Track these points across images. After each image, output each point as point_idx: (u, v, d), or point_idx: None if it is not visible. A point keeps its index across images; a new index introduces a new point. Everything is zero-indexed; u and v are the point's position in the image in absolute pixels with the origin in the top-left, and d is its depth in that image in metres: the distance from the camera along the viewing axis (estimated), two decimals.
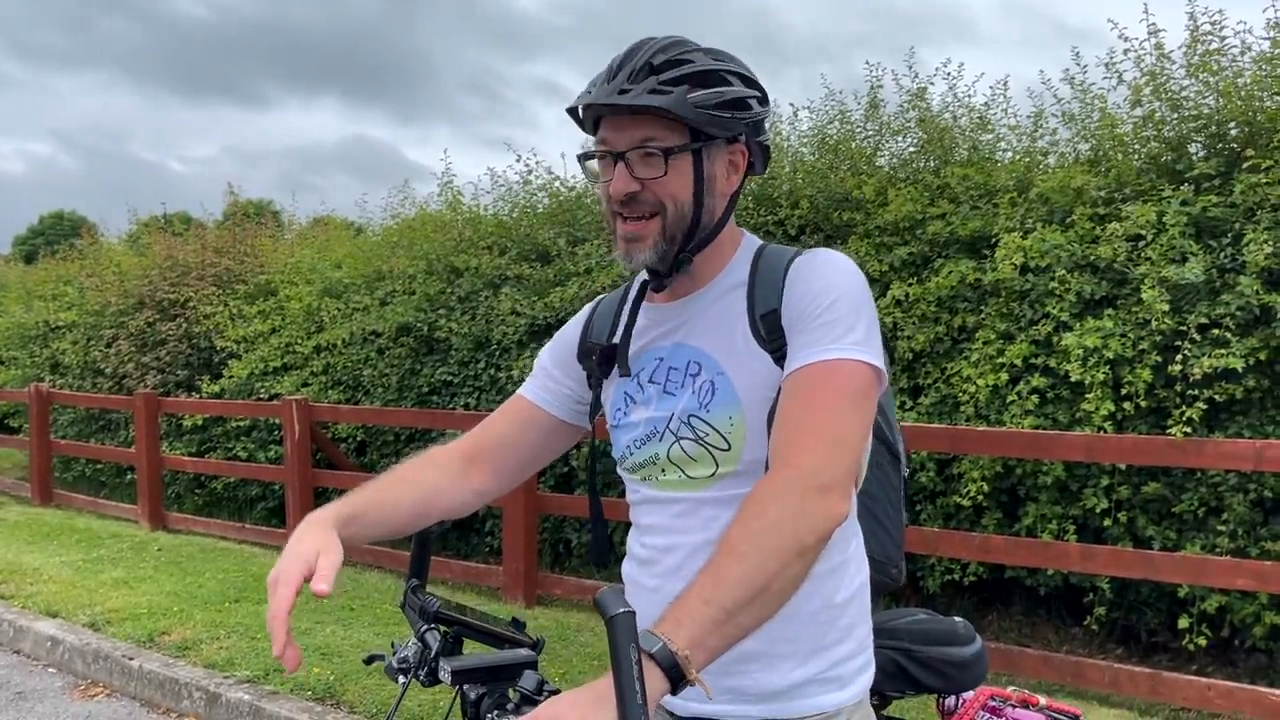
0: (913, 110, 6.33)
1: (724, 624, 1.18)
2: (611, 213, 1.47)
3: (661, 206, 1.43)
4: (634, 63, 1.40)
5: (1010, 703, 2.04)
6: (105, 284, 10.88)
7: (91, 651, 5.25)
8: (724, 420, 1.45)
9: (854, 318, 1.40)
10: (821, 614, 1.48)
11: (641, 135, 1.40)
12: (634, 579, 1.58)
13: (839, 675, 1.50)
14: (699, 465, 1.48)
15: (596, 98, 1.40)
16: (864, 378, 1.38)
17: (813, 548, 1.27)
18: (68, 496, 9.95)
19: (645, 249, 1.45)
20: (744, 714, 1.47)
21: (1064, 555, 4.52)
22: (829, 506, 1.27)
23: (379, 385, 7.72)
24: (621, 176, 1.42)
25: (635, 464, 1.55)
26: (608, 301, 1.69)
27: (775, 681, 1.47)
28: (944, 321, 5.32)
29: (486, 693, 1.44)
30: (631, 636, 1.07)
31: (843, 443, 1.33)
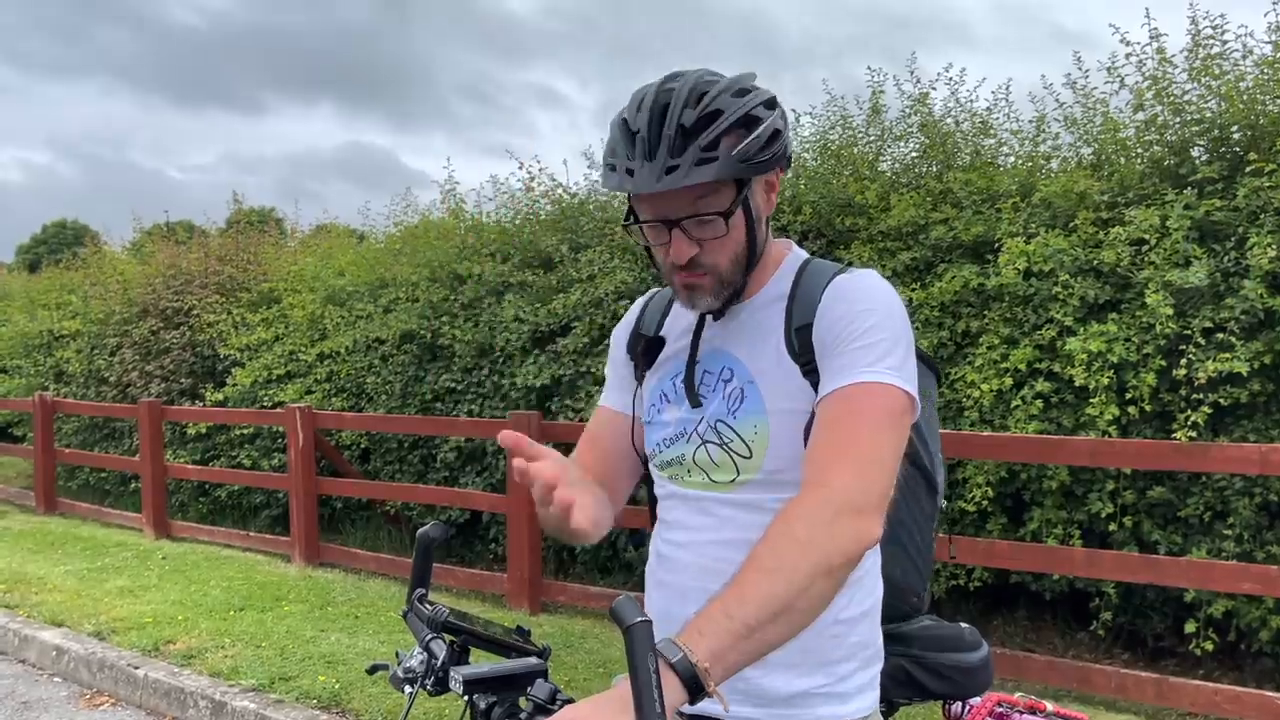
0: (914, 115, 6.33)
1: (745, 639, 1.18)
2: (669, 269, 1.48)
3: (717, 266, 1.46)
4: (667, 131, 1.37)
5: (1017, 709, 2.04)
6: (109, 292, 10.91)
7: (97, 661, 5.25)
8: (749, 428, 1.47)
9: (891, 343, 1.41)
10: (829, 628, 1.48)
11: (693, 199, 1.40)
12: (652, 573, 1.60)
13: (841, 691, 1.51)
14: (721, 470, 1.49)
15: (644, 187, 1.37)
16: (899, 402, 1.39)
17: (840, 568, 1.27)
18: (72, 505, 9.96)
19: (705, 295, 1.48)
20: (748, 716, 1.47)
21: (1069, 560, 4.51)
22: (860, 529, 1.28)
23: (382, 392, 7.73)
24: (680, 242, 1.42)
25: (664, 461, 1.57)
26: (662, 293, 1.71)
27: (778, 687, 1.47)
28: (948, 326, 5.32)
29: (497, 701, 1.44)
30: (649, 645, 1.07)
31: (876, 466, 1.34)
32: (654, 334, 1.62)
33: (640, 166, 1.37)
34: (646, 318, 1.68)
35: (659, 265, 1.51)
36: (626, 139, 1.40)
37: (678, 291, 1.51)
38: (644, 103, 1.41)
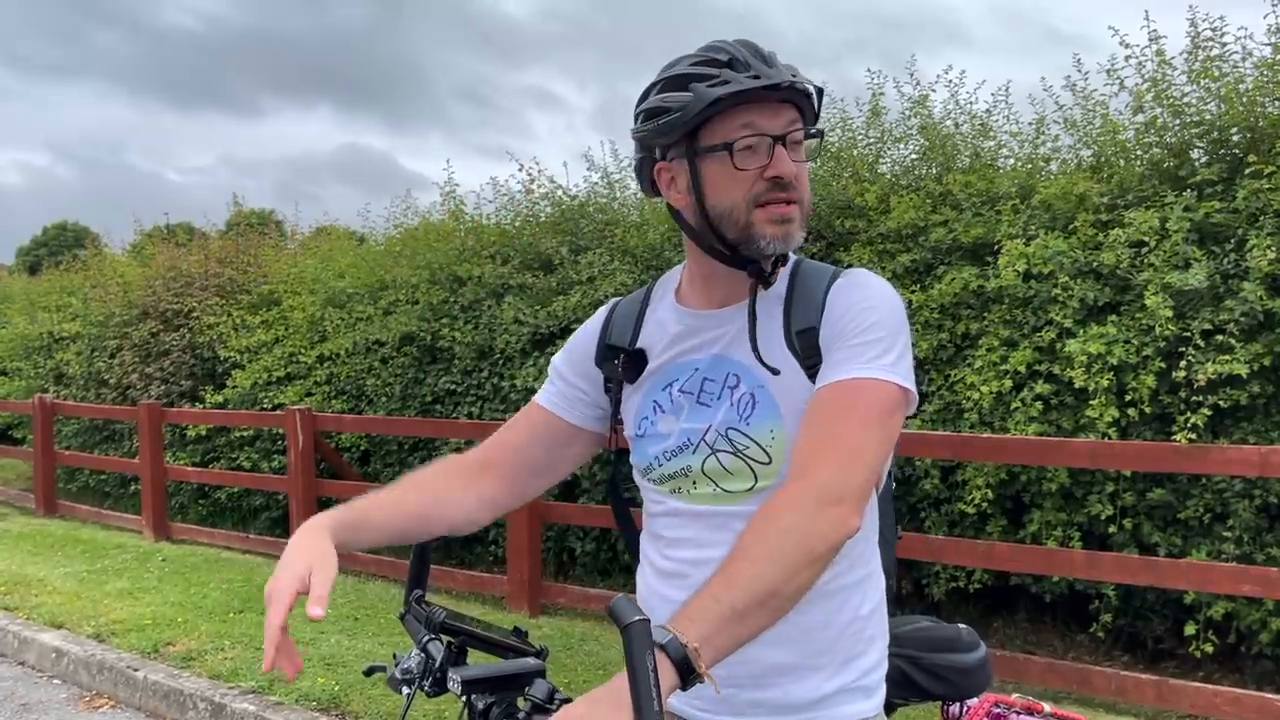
0: (914, 118, 6.34)
1: (733, 624, 1.19)
2: (751, 202, 1.42)
3: (804, 196, 1.46)
4: (765, 53, 1.41)
5: (1015, 710, 2.03)
6: (109, 295, 10.91)
7: (96, 663, 5.25)
8: (765, 433, 1.45)
9: (890, 340, 1.42)
10: (852, 625, 1.50)
11: (790, 119, 1.42)
12: (657, 591, 1.56)
13: (865, 685, 1.51)
14: (736, 479, 1.47)
15: (777, 78, 1.37)
16: (891, 399, 1.39)
17: (823, 556, 1.28)
18: (72, 507, 9.96)
19: (796, 229, 1.45)
20: None
21: (1069, 562, 4.51)
22: (841, 519, 1.29)
23: (382, 395, 7.73)
24: (784, 159, 1.40)
25: (663, 475, 1.53)
26: (626, 304, 1.67)
27: (807, 693, 1.47)
28: (947, 328, 5.33)
29: (495, 702, 1.44)
30: (647, 644, 1.07)
31: (859, 459, 1.34)
32: (631, 347, 1.59)
33: (766, 70, 1.38)
34: (615, 330, 1.63)
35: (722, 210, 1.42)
36: (726, 65, 1.39)
37: (762, 231, 1.42)
38: (720, 46, 1.42)
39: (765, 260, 1.46)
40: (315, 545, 1.37)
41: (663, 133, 1.44)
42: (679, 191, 1.48)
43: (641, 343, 1.59)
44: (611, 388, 1.62)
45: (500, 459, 1.66)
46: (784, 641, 1.45)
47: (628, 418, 1.60)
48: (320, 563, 1.33)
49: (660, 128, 1.43)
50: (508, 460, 1.66)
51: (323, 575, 1.31)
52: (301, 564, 1.32)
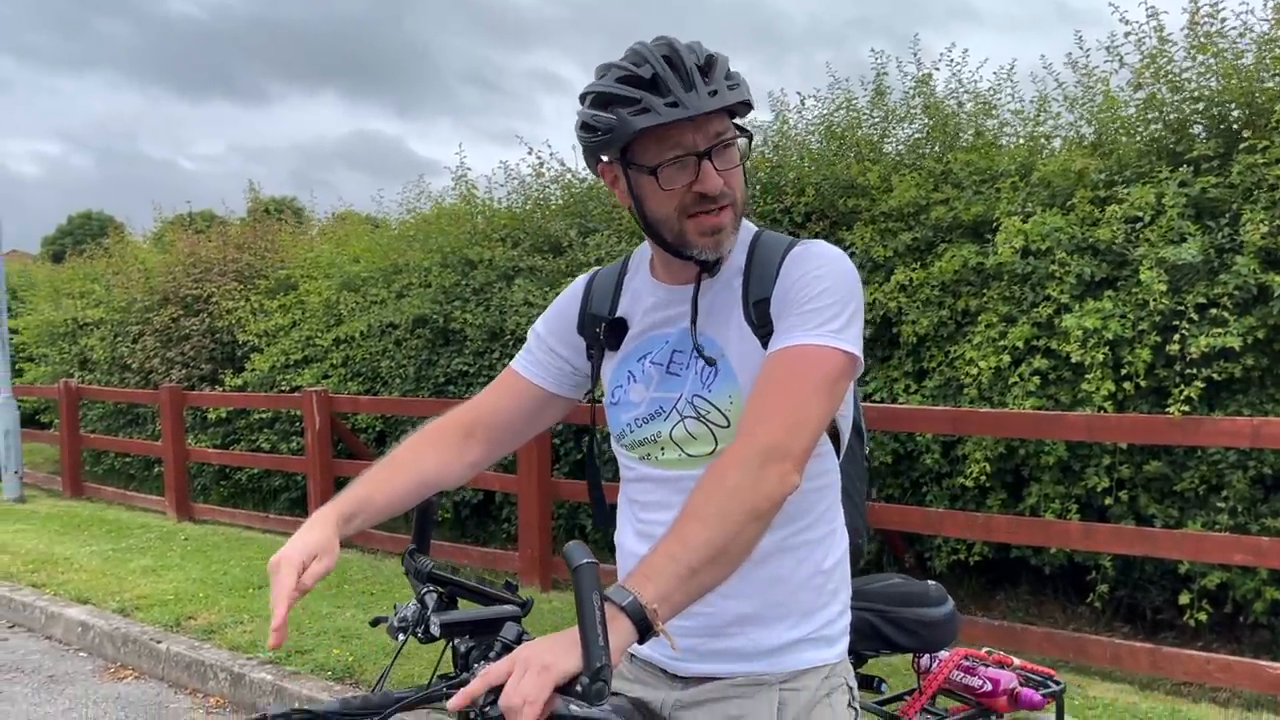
0: (918, 97, 6.38)
1: (687, 580, 1.28)
2: (681, 213, 1.49)
3: (735, 198, 1.52)
4: (691, 66, 1.44)
5: (984, 663, 2.13)
6: (131, 281, 11.10)
7: (121, 636, 5.42)
8: (724, 399, 1.54)
9: (838, 307, 1.48)
10: (813, 579, 1.58)
11: (716, 131, 1.47)
12: (634, 553, 1.64)
13: (827, 635, 1.60)
14: (700, 443, 1.56)
15: (700, 108, 1.42)
16: (836, 364, 1.46)
17: (767, 513, 1.36)
18: (97, 489, 10.19)
19: (728, 236, 1.52)
20: (741, 671, 1.56)
21: (1065, 534, 4.59)
22: (782, 477, 1.36)
23: (397, 376, 7.87)
24: (710, 175, 1.46)
25: (634, 441, 1.62)
26: (606, 273, 1.76)
27: (770, 640, 1.56)
28: (948, 305, 5.39)
29: (475, 645, 1.55)
30: (594, 585, 1.17)
31: (803, 422, 1.41)
32: (611, 315, 1.67)
33: (684, 94, 1.42)
34: (595, 298, 1.72)
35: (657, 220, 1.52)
36: (646, 84, 1.44)
37: (693, 240, 1.50)
38: (645, 56, 1.46)
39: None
40: (324, 533, 1.49)
41: (594, 149, 1.52)
42: (621, 191, 1.57)
43: (620, 312, 1.68)
44: (594, 354, 1.72)
45: (482, 425, 1.76)
46: (748, 594, 1.55)
47: (605, 384, 1.70)
48: (324, 550, 1.46)
49: (592, 145, 1.51)
50: (489, 425, 1.76)
51: (321, 564, 1.45)
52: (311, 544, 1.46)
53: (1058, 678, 2.18)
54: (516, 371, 1.78)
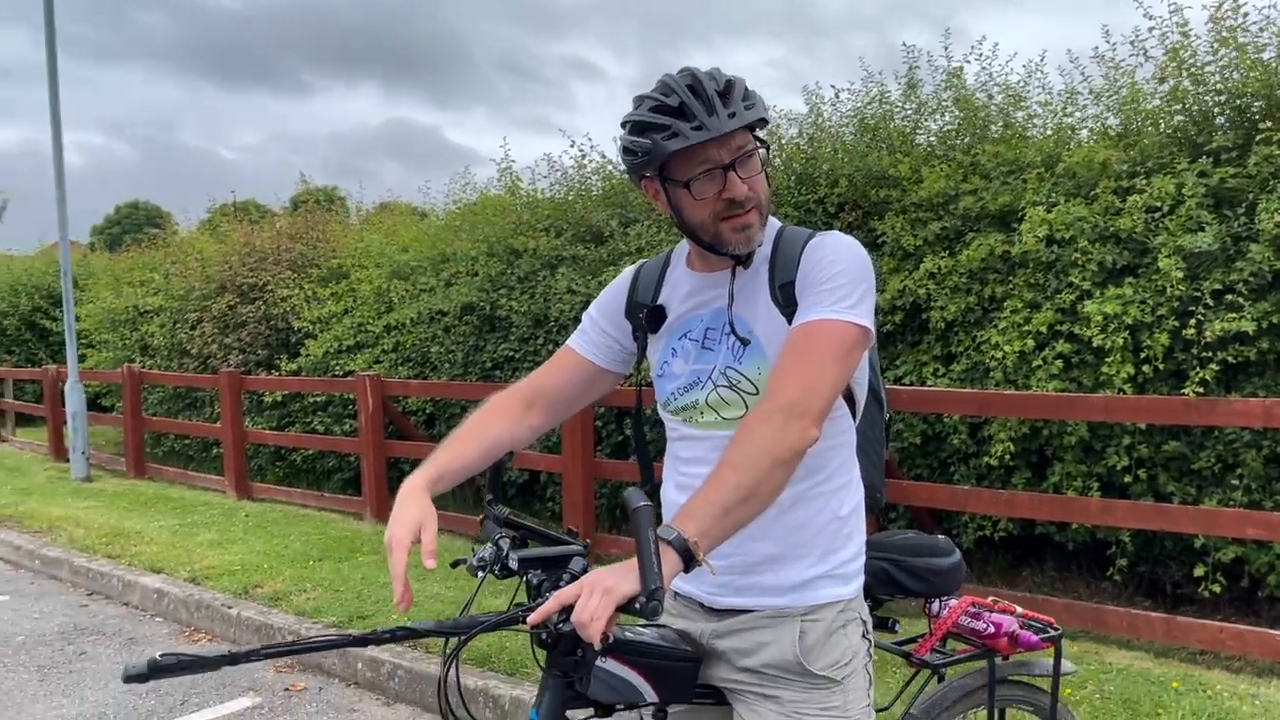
0: (948, 90, 6.58)
1: (722, 519, 1.55)
2: (716, 216, 1.76)
3: (760, 201, 1.78)
4: (712, 92, 1.70)
5: (989, 609, 2.39)
6: (188, 270, 11.53)
7: (194, 602, 5.80)
8: (754, 370, 1.81)
9: (851, 287, 1.74)
10: (830, 524, 1.85)
11: (738, 145, 1.73)
12: (675, 502, 1.91)
13: (843, 573, 1.87)
14: (732, 408, 1.82)
15: (721, 129, 1.68)
16: (850, 336, 1.71)
17: (789, 461, 1.62)
18: (159, 469, 10.65)
19: (757, 232, 1.79)
20: (767, 604, 1.83)
21: (1085, 510, 4.81)
22: (802, 431, 1.63)
23: (445, 361, 8.21)
24: (737, 182, 1.73)
25: (678, 407, 1.90)
26: (651, 265, 2.03)
27: (793, 577, 1.83)
28: (975, 292, 5.61)
29: (546, 578, 1.84)
30: (650, 523, 1.45)
31: (819, 384, 1.67)
32: (654, 302, 1.95)
33: (707, 118, 1.69)
34: (640, 287, 1.99)
35: (695, 224, 1.78)
36: (675, 111, 1.71)
37: (729, 239, 1.75)
38: (672, 87, 1.73)
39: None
40: (419, 501, 1.76)
41: (636, 169, 1.79)
42: (662, 203, 1.83)
43: (661, 299, 1.96)
44: (639, 336, 2.01)
45: (542, 396, 2.04)
46: (775, 537, 1.83)
47: (652, 360, 1.99)
48: (426, 517, 1.73)
49: (634, 166, 1.78)
50: (548, 396, 2.05)
51: (430, 529, 1.72)
52: (412, 517, 1.72)
53: (1056, 625, 2.43)
54: (572, 349, 2.06)
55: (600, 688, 1.77)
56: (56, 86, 10.40)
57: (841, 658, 1.85)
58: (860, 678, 1.89)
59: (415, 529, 1.72)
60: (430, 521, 1.74)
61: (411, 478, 1.85)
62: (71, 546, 7.29)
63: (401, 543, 1.69)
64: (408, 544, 1.70)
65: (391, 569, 1.68)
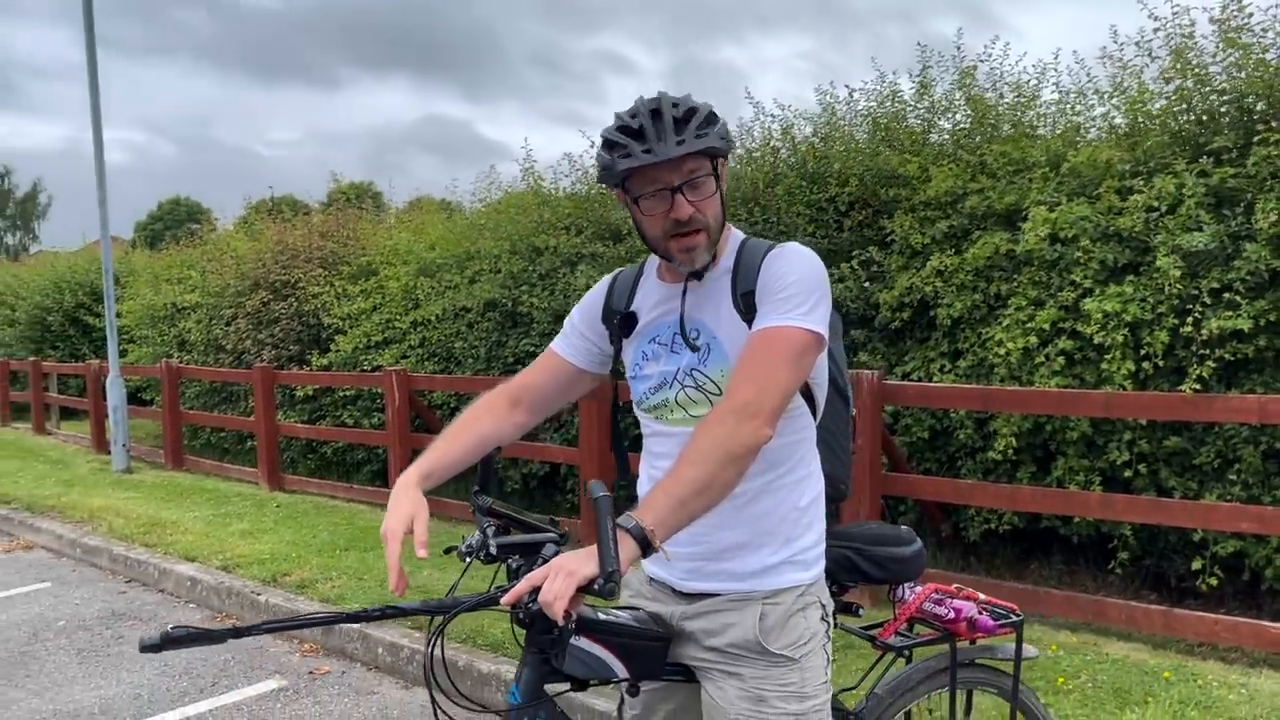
0: (959, 90, 6.66)
1: (678, 509, 1.71)
2: (665, 234, 1.92)
3: (707, 223, 1.92)
4: (668, 119, 1.86)
5: (952, 596, 2.53)
6: (224, 268, 11.83)
7: (225, 589, 6.05)
8: (717, 372, 1.96)
9: (805, 295, 1.88)
10: (791, 514, 2.00)
11: (688, 169, 1.88)
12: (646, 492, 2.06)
13: (804, 559, 2.02)
14: (698, 406, 1.98)
15: (665, 154, 1.83)
16: (803, 341, 1.86)
17: (742, 458, 1.77)
18: (196, 461, 10.97)
19: (701, 253, 1.93)
20: (732, 589, 1.99)
21: (1085, 503, 4.91)
22: (755, 430, 1.77)
23: (469, 356, 8.41)
24: (683, 205, 1.88)
25: (650, 406, 2.06)
26: (626, 274, 2.19)
27: (756, 563, 1.98)
28: (981, 290, 5.71)
29: (524, 563, 2.00)
30: (608, 511, 1.62)
31: (773, 386, 1.82)
32: (626, 309, 2.10)
33: (656, 143, 1.84)
34: (615, 295, 2.15)
35: (650, 239, 1.95)
36: (634, 133, 1.87)
37: (675, 255, 1.93)
38: (637, 110, 1.89)
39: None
40: (412, 496, 1.94)
41: (601, 180, 1.96)
42: (628, 214, 1.99)
43: (634, 306, 2.12)
44: (615, 340, 2.16)
45: (527, 395, 2.21)
46: (740, 526, 1.99)
47: (626, 363, 2.15)
48: (418, 510, 1.91)
49: (599, 177, 1.95)
50: (532, 395, 2.22)
51: (422, 521, 1.89)
52: (405, 511, 1.90)
53: (1018, 611, 2.56)
54: (555, 352, 2.23)
55: (574, 664, 1.93)
56: (97, 86, 10.67)
57: (800, 638, 1.99)
58: (818, 657, 2.03)
59: (408, 521, 1.89)
60: (422, 514, 1.91)
61: (405, 474, 2.02)
62: (111, 536, 7.58)
63: (395, 534, 1.87)
64: (400, 535, 1.87)
65: (387, 558, 1.86)
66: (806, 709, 1.98)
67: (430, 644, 1.93)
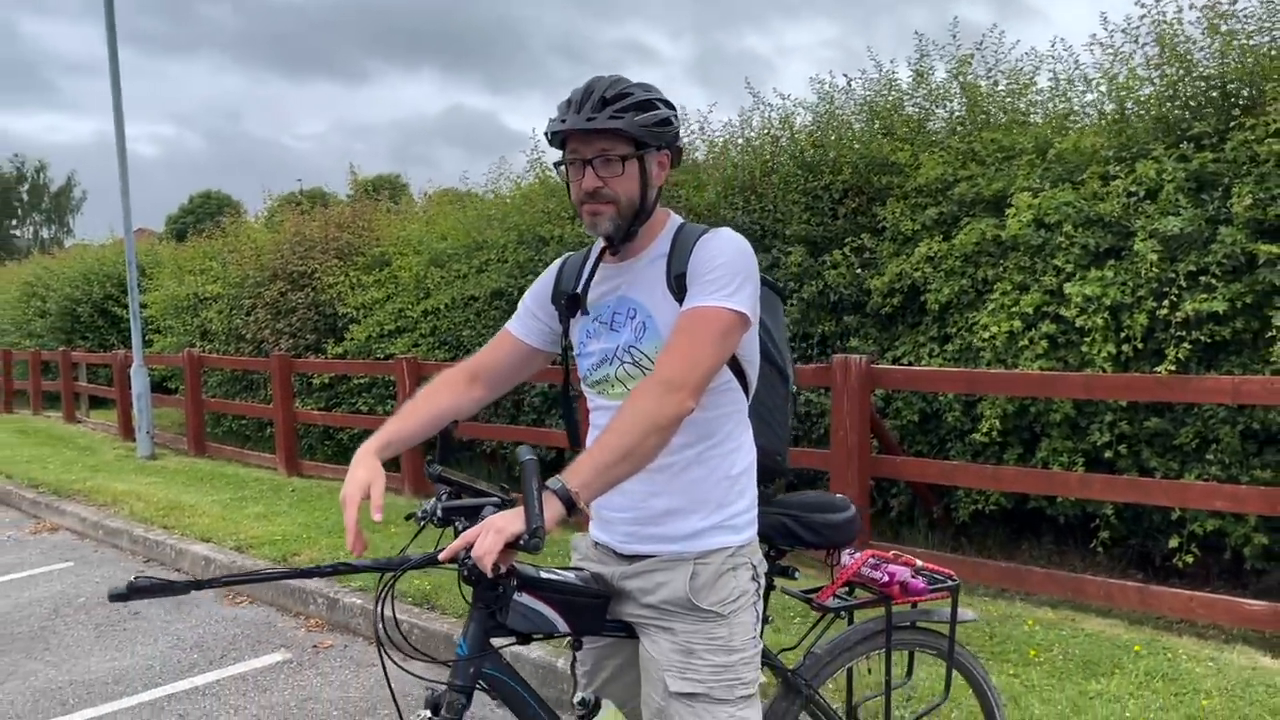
0: (955, 81, 6.74)
1: (604, 473, 1.86)
2: (579, 200, 2.07)
3: (617, 198, 2.06)
4: (593, 98, 2.01)
5: (888, 561, 2.66)
6: (244, 258, 12.09)
7: (237, 568, 6.27)
8: (651, 349, 2.11)
9: (730, 277, 2.01)
10: (723, 482, 2.14)
11: (601, 147, 2.03)
12: None
13: (735, 524, 2.16)
14: (635, 380, 2.12)
15: (572, 125, 2.00)
16: (727, 320, 1.99)
17: (665, 428, 1.90)
18: (218, 448, 11.24)
19: (604, 222, 2.07)
20: (666, 550, 2.14)
21: (1065, 483, 5.00)
22: (679, 403, 1.91)
23: (477, 344, 8.58)
24: (590, 176, 2.04)
25: (593, 381, 2.21)
26: (575, 258, 2.33)
27: (688, 527, 2.13)
28: (968, 275, 5.81)
29: (468, 525, 2.16)
30: (534, 474, 1.77)
31: (698, 362, 1.96)
32: (574, 291, 2.25)
33: (571, 115, 2.02)
34: (564, 277, 2.30)
35: (573, 200, 2.09)
36: (565, 102, 2.05)
37: (585, 218, 2.08)
38: (584, 86, 2.06)
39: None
40: (369, 464, 2.10)
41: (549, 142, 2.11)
42: None
43: (580, 288, 2.26)
44: (564, 319, 2.31)
45: (484, 372, 2.37)
46: (673, 493, 2.13)
47: (573, 341, 2.30)
48: (374, 477, 2.07)
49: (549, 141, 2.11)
50: (489, 372, 2.37)
51: (379, 488, 2.05)
52: (363, 478, 2.06)
53: (955, 577, 2.69)
54: (509, 331, 2.38)
55: (517, 619, 2.09)
56: (119, 81, 10.90)
57: (729, 596, 2.14)
58: (747, 614, 2.17)
59: (365, 487, 2.05)
60: (379, 481, 2.07)
61: (364, 445, 2.19)
62: (132, 518, 7.84)
63: (353, 499, 2.03)
64: (358, 500, 2.04)
65: (345, 521, 2.02)
66: (733, 661, 2.12)
67: (380, 600, 2.08)
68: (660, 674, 2.11)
